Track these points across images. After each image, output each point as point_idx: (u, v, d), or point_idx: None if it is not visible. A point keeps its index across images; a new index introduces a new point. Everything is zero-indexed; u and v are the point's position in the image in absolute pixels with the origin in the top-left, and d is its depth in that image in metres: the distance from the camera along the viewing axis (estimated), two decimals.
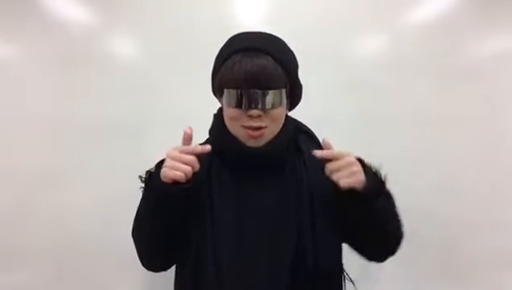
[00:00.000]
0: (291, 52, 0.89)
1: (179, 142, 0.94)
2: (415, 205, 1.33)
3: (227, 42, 0.89)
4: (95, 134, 1.48)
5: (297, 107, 1.02)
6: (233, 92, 0.81)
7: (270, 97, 0.80)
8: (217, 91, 0.89)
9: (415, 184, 0.88)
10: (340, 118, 1.43)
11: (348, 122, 1.43)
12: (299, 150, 0.91)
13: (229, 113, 0.84)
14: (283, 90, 0.83)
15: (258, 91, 0.80)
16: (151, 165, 0.90)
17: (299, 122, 0.99)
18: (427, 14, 1.49)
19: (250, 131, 0.83)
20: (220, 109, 0.93)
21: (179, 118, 1.44)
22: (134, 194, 0.88)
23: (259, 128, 0.83)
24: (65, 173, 1.47)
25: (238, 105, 0.81)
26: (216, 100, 0.95)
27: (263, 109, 0.81)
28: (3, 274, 1.46)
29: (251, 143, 0.85)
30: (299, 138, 0.94)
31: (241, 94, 0.80)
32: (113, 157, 1.46)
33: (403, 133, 1.45)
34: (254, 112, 0.80)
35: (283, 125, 0.89)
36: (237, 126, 0.84)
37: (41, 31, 1.48)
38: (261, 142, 0.85)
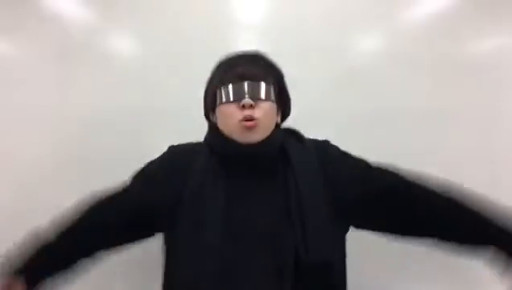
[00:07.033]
0: (278, 68, 0.98)
1: (177, 136, 0.94)
2: None
3: (219, 68, 0.97)
4: (95, 128, 1.48)
5: (296, 102, 1.02)
6: (227, 87, 0.89)
7: (262, 88, 0.89)
8: (211, 105, 0.96)
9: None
10: (338, 112, 1.44)
11: (346, 115, 1.43)
12: (287, 156, 0.92)
13: (224, 110, 0.90)
14: (272, 87, 0.91)
15: (250, 82, 0.88)
16: (151, 158, 0.92)
17: (286, 128, 1.01)
18: (427, 9, 1.49)
19: (244, 122, 0.87)
20: (211, 128, 0.99)
21: (178, 113, 1.45)
22: None
23: (252, 119, 0.87)
24: (65, 168, 1.47)
25: (233, 97, 0.88)
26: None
27: (255, 97, 0.87)
28: None
29: (245, 138, 0.88)
30: (287, 141, 0.95)
31: (233, 87, 0.88)
32: (112, 151, 1.46)
33: (402, 127, 1.45)
34: (247, 101, 0.86)
35: (274, 129, 0.93)
36: (232, 122, 0.88)
37: (41, 27, 1.48)
38: (254, 137, 0.88)
